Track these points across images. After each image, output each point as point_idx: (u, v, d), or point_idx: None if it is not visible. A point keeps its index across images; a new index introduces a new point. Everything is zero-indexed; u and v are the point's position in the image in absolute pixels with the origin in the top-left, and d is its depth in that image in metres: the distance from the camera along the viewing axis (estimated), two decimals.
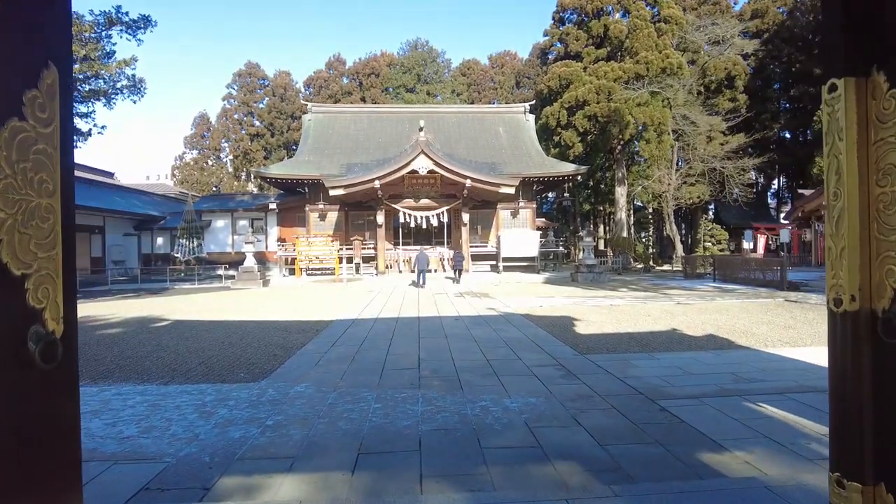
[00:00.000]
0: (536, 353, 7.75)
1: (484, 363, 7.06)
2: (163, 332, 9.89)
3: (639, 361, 7.10)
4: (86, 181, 29.38)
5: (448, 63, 57.10)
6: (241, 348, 8.32)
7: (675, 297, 15.46)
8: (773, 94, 39.92)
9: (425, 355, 7.57)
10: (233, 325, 10.81)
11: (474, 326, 10.24)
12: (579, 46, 33.65)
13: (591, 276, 21.98)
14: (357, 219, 28.37)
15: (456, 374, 6.47)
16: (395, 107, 36.22)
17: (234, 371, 6.85)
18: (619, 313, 11.92)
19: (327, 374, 6.54)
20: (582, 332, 9.60)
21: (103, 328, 10.54)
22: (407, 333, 9.51)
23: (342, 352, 7.94)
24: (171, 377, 6.56)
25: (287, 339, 9.00)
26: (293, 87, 55.15)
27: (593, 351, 7.82)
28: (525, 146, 29.93)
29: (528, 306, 13.47)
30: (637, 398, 5.39)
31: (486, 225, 28.62)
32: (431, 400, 5.34)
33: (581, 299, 15.14)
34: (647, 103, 30.55)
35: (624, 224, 33.96)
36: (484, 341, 8.66)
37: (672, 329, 9.78)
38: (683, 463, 3.75)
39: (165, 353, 8.02)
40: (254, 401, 5.45)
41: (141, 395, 5.72)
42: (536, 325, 10.38)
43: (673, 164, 33.54)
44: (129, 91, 17.22)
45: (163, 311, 13.49)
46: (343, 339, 9.07)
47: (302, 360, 7.44)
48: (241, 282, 21.22)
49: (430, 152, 22.33)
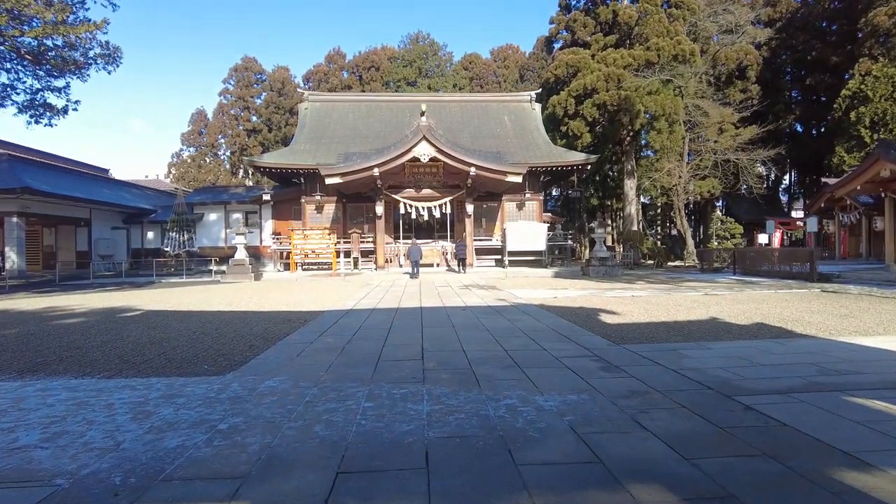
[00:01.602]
0: (563, 342, 6.51)
1: (502, 354, 5.81)
2: (128, 322, 8.65)
3: (689, 352, 5.86)
4: (72, 172, 28.19)
5: (450, 57, 55.88)
6: (213, 339, 7.09)
7: (700, 289, 14.20)
8: (786, 85, 38.61)
9: (430, 345, 6.32)
10: (211, 315, 9.58)
11: (485, 316, 8.99)
12: (587, 34, 32.36)
13: (603, 269, 20.71)
14: (355, 211, 27.11)
15: (469, 366, 5.23)
16: (394, 95, 34.90)
17: (197, 363, 5.62)
18: (646, 304, 10.67)
19: (309, 367, 5.30)
20: (610, 321, 8.35)
21: (61, 318, 9.30)
22: (408, 323, 8.26)
23: (331, 342, 6.70)
24: (118, 370, 5.33)
25: (269, 330, 7.77)
26: (292, 82, 53.93)
27: (630, 341, 6.58)
28: (532, 135, 28.64)
29: (541, 297, 12.22)
30: (707, 394, 4.15)
31: (491, 218, 27.33)
32: (440, 397, 4.10)
33: (598, 291, 13.88)
34: (658, 92, 29.26)
35: (633, 218, 32.64)
36: (498, 331, 7.41)
37: (712, 318, 8.53)
38: (820, 487, 2.51)
39: (122, 343, 6.79)
40: (210, 398, 4.22)
41: (69, 392, 4.49)
42: (556, 314, 9.14)
43: (684, 157, 32.26)
44: (104, 61, 15.90)
45: (138, 302, 12.25)
46: (334, 328, 7.83)
47: (282, 350, 6.21)
48: (232, 275, 19.99)
49: (432, 138, 21.07)
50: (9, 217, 21.52)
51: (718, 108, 31.77)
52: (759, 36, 35.08)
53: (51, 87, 15.58)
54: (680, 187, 32.54)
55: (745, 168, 31.46)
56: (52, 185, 23.14)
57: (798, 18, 35.81)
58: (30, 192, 20.82)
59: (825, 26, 35.61)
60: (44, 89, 15.47)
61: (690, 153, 33.23)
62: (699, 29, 33.02)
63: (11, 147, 25.71)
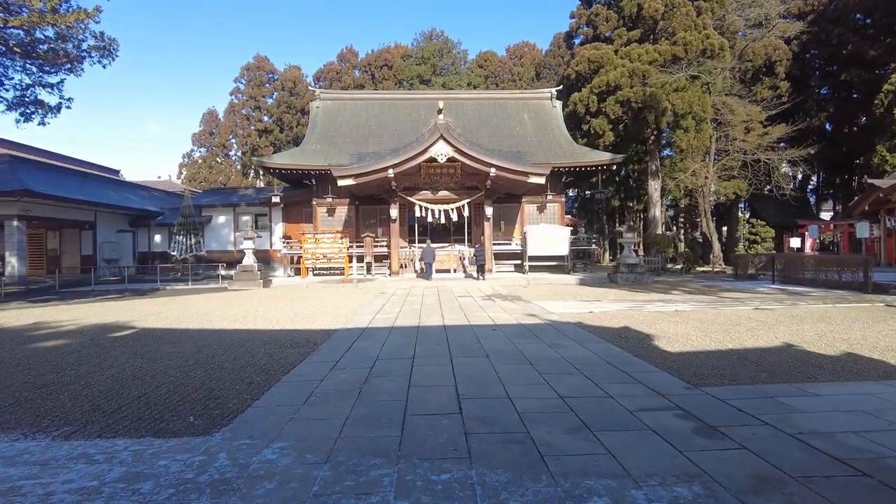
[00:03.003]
0: (627, 383, 5.35)
1: (558, 403, 4.66)
2: (116, 347, 7.63)
3: (792, 400, 4.68)
4: (77, 173, 27.43)
5: (464, 54, 54.61)
6: (208, 371, 6.04)
7: (746, 302, 12.93)
8: (818, 81, 36.89)
9: (467, 388, 5.18)
10: (210, 335, 8.54)
11: (520, 340, 7.85)
12: (609, 28, 30.98)
13: (632, 276, 19.43)
14: (368, 214, 26.06)
15: (522, 425, 4.09)
16: (409, 93, 33.70)
17: (181, 412, 4.56)
18: (697, 322, 9.45)
19: (319, 424, 4.20)
20: (667, 348, 7.17)
21: (43, 339, 8.31)
22: (433, 350, 7.14)
23: (345, 379, 5.60)
24: (82, 424, 4.28)
25: (274, 357, 6.71)
26: (303, 81, 53.02)
27: (708, 380, 5.40)
28: (553, 134, 27.37)
29: (575, 312, 11.04)
30: (867, 486, 2.98)
31: (510, 221, 26.13)
32: (497, 492, 2.96)
33: (635, 304, 12.65)
34: (685, 88, 27.88)
35: (658, 221, 31.20)
36: (542, 363, 6.26)
37: (786, 344, 7.31)
38: None
39: (100, 378, 5.76)
40: (187, 481, 3.13)
41: (3, 466, 3.43)
42: (599, 337, 7.98)
43: (711, 156, 30.81)
44: (99, 53, 14.85)
45: (136, 315, 11.27)
46: (348, 357, 6.73)
47: (287, 392, 5.13)
48: (240, 282, 19.02)
49: (450, 137, 19.92)
50: (9, 220, 20.74)
51: (746, 106, 30.31)
52: (789, 30, 33.47)
53: (43, 83, 14.63)
54: (706, 188, 31.13)
55: (775, 168, 29.99)
56: (54, 187, 22.33)
57: (831, 11, 34.08)
58: (30, 195, 20.01)
59: (861, 19, 33.85)
60: (35, 85, 14.56)
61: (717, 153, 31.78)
62: (726, 23, 31.55)
63: (13, 146, 25.00)
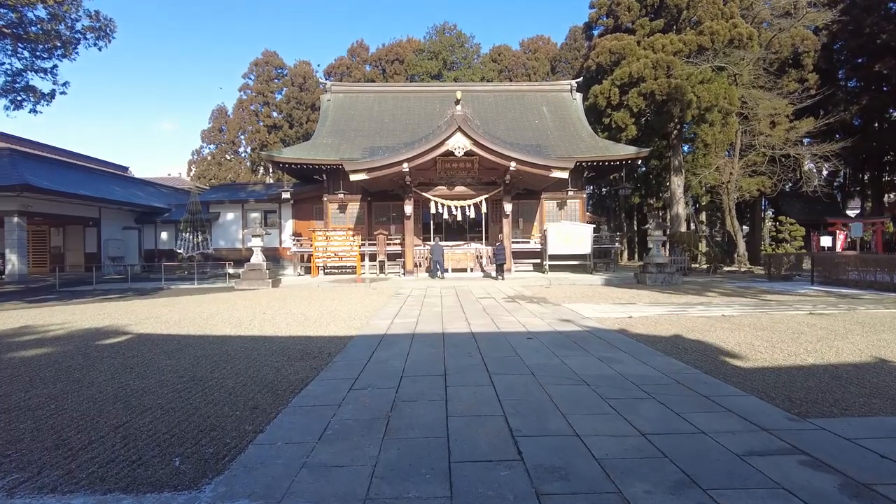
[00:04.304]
0: (715, 412, 4.32)
1: (642, 444, 3.65)
2: (104, 358, 6.72)
3: None
4: (82, 168, 26.68)
5: (477, 48, 53.36)
6: (204, 390, 5.10)
7: (795, 305, 11.82)
8: (847, 73, 35.40)
9: (520, 421, 4.17)
10: (212, 343, 7.61)
11: (564, 352, 6.83)
12: (631, 17, 29.72)
13: (661, 277, 18.33)
14: (381, 210, 25.11)
15: (608, 479, 3.08)
16: (423, 85, 32.59)
17: (166, 450, 3.61)
18: (753, 329, 8.38)
19: (340, 474, 3.22)
20: (737, 363, 6.14)
21: (24, 348, 7.42)
22: (466, 364, 6.14)
23: (368, 403, 4.63)
24: (37, 469, 3.35)
25: (282, 373, 5.76)
26: (313, 77, 52.22)
27: (811, 409, 4.37)
28: (574, 127, 26.23)
29: (613, 317, 10.00)
30: None
31: (529, 218, 25.05)
32: None
33: (675, 308, 11.59)
34: (711, 80, 26.66)
35: (681, 219, 29.96)
36: (600, 383, 5.25)
37: (877, 359, 6.26)
38: None
39: (77, 400, 4.84)
40: None
41: None
42: (654, 349, 6.95)
43: (737, 151, 29.55)
44: (94, 35, 13.95)
45: (133, 319, 10.39)
46: (368, 372, 5.76)
47: (297, 421, 4.17)
48: (247, 281, 18.15)
49: (468, 129, 18.89)
50: (9, 217, 20.00)
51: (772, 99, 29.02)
52: (818, 19, 32.07)
53: (35, 68, 13.79)
54: (731, 185, 29.90)
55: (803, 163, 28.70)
56: (57, 182, 21.56)
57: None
58: (30, 190, 19.24)
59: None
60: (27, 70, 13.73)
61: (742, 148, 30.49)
62: (753, 12, 30.24)
63: (14, 140, 24.29)
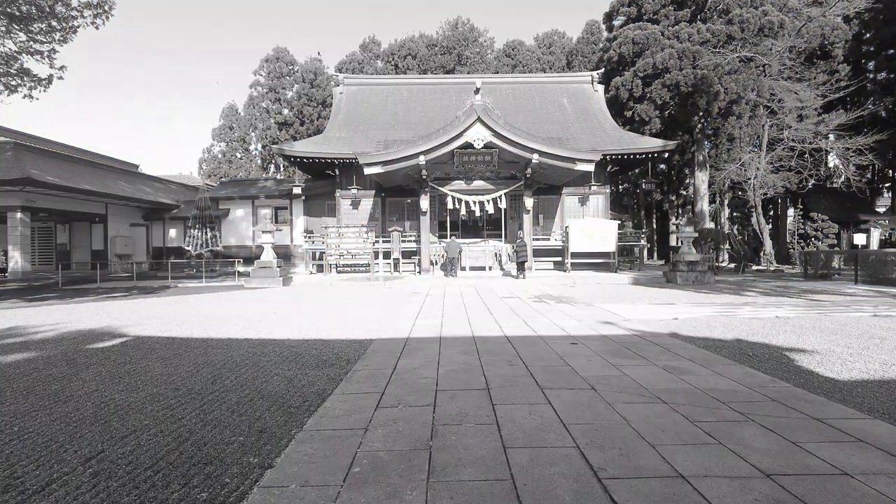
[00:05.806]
0: (840, 442, 3.35)
1: (770, 489, 2.67)
2: (91, 365, 5.86)
3: None
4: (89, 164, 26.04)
5: (491, 43, 52.37)
6: (202, 407, 4.22)
7: (851, 306, 10.77)
8: (879, 64, 33.98)
9: (600, 455, 3.21)
10: (216, 348, 6.75)
11: (619, 360, 5.88)
12: (655, 6, 28.60)
13: (692, 275, 17.29)
14: (395, 207, 24.24)
15: None
16: (438, 77, 31.67)
17: (145, 499, 2.71)
18: (821, 333, 7.37)
19: None
20: (827, 373, 5.16)
21: (4, 352, 6.60)
22: (509, 375, 5.20)
23: (401, 430, 3.70)
24: None
25: (294, 384, 4.87)
26: (324, 73, 51.51)
27: None
28: (596, 118, 25.24)
29: (657, 319, 9.03)
30: None
31: (549, 214, 24.07)
32: None
33: (720, 308, 10.58)
34: (739, 71, 25.52)
35: (705, 215, 28.86)
36: (677, 400, 4.29)
37: None
38: None
39: (47, 419, 3.97)
40: None
41: None
42: (721, 356, 5.99)
43: (763, 145, 28.35)
44: (92, 12, 13.06)
45: (133, 319, 9.58)
46: (395, 385, 4.84)
47: (315, 454, 3.25)
48: (257, 279, 17.38)
49: (488, 120, 17.97)
50: (12, 212, 19.39)
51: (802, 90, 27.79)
52: (850, 8, 30.75)
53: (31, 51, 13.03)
54: (757, 181, 28.71)
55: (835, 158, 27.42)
56: (61, 177, 20.91)
57: None
58: (33, 184, 18.58)
59: None
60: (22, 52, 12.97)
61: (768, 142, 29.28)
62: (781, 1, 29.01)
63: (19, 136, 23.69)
